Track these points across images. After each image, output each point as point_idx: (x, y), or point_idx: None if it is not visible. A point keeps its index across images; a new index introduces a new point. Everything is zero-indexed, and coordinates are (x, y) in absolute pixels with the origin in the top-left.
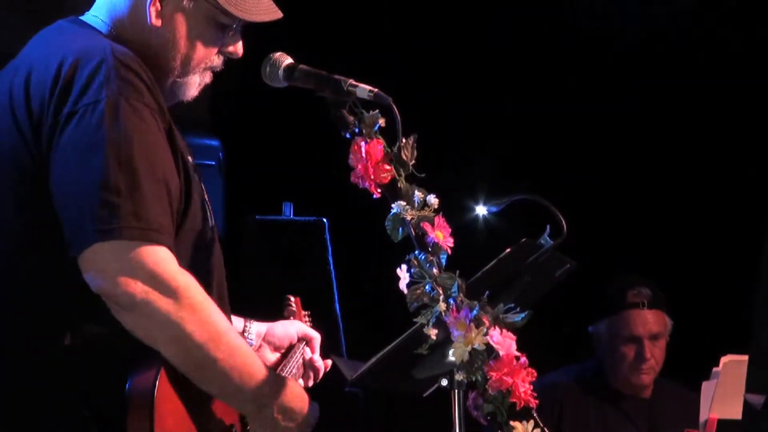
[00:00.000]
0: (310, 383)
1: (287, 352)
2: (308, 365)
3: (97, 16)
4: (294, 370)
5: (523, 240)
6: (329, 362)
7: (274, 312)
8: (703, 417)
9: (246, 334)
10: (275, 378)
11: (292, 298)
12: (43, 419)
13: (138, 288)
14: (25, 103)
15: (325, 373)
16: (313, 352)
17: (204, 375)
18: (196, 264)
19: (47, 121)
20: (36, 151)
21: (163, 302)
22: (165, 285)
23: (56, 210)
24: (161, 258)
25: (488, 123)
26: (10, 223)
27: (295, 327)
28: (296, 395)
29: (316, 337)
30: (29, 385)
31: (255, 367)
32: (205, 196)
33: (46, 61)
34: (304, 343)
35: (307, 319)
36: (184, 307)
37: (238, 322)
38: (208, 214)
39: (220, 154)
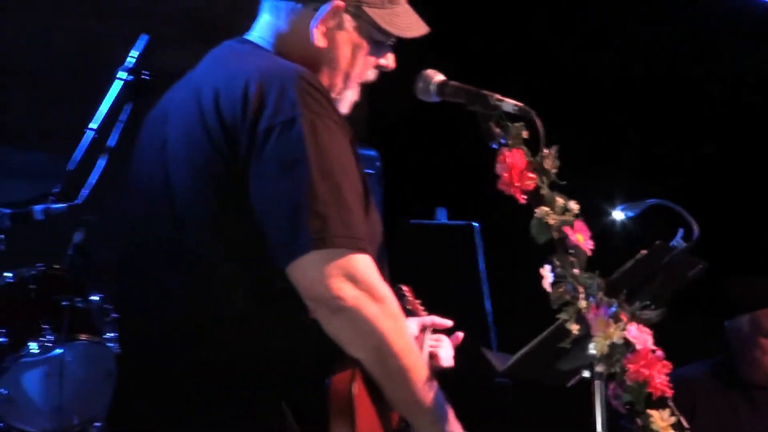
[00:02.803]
0: (446, 363)
1: None
2: (438, 348)
3: (261, 36)
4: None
5: (657, 242)
6: (460, 335)
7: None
8: None
9: None
10: (442, 394)
11: (405, 288)
12: (244, 411)
13: (349, 294)
14: (218, 118)
15: (477, 367)
16: (437, 326)
17: (393, 383)
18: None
19: (243, 136)
20: (232, 163)
21: (370, 309)
22: (373, 293)
23: (259, 219)
24: (368, 266)
25: (623, 134)
26: (213, 236)
27: (414, 321)
28: (454, 421)
29: (435, 320)
30: (234, 381)
31: (429, 381)
32: None
33: (231, 80)
34: (428, 330)
35: (421, 307)
36: (387, 316)
37: None
38: (380, 219)
39: (378, 163)
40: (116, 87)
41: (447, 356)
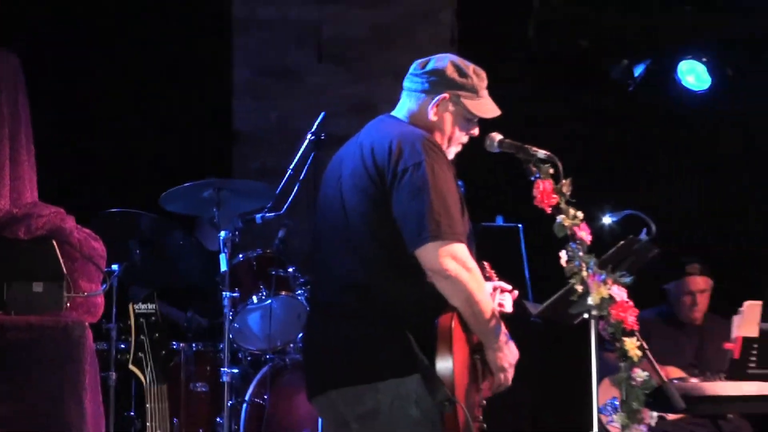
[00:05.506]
0: (508, 309)
1: None
2: (504, 300)
3: (401, 113)
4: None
5: (630, 237)
6: (516, 292)
7: None
8: (733, 336)
9: None
10: (504, 329)
11: (486, 263)
12: (384, 337)
13: (451, 267)
14: (373, 163)
15: (520, 312)
16: (503, 289)
17: (476, 320)
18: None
19: (389, 173)
20: (381, 189)
21: (464, 276)
22: (466, 266)
23: (397, 224)
24: (463, 250)
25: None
26: (369, 233)
27: (490, 284)
28: (511, 342)
29: (502, 284)
30: (378, 319)
31: (496, 319)
32: None
33: (382, 139)
34: (498, 291)
35: (495, 275)
36: (474, 281)
37: None
38: (469, 222)
39: (462, 189)
40: (305, 143)
41: (508, 305)
